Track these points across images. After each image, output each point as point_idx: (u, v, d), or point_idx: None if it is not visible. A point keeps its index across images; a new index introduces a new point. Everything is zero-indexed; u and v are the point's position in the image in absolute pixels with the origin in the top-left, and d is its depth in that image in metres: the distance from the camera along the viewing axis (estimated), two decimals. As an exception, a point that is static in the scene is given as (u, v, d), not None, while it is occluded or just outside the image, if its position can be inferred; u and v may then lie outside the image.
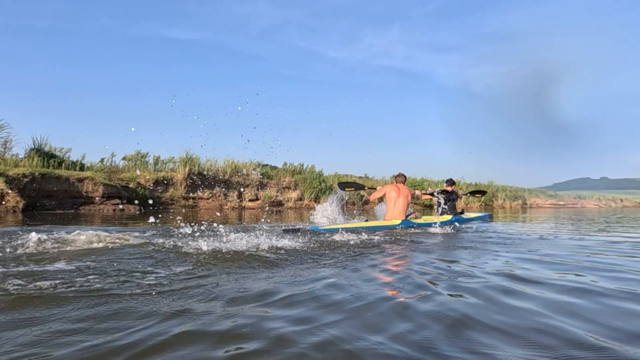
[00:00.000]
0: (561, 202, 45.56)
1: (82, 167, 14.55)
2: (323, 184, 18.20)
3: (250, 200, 16.92)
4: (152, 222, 7.33)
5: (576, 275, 2.62)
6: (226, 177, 16.89)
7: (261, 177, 17.55)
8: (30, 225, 6.05)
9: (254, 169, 17.45)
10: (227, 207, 15.98)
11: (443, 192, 8.26)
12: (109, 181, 13.54)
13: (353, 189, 7.65)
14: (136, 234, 4.42)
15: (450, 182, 8.70)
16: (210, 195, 16.21)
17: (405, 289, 2.17)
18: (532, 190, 42.28)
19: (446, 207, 8.13)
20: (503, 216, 13.10)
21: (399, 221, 6.35)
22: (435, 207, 8.82)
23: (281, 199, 17.38)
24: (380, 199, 7.29)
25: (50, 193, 12.05)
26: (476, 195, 10.23)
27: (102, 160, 15.94)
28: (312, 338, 1.44)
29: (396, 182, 6.88)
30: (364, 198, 20.04)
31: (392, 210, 6.64)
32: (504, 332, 1.53)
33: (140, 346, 1.35)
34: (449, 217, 7.64)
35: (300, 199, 18.02)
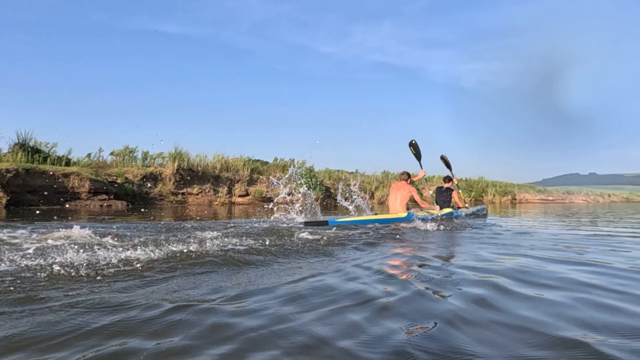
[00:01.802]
0: (550, 198, 46.10)
1: (68, 163, 14.31)
2: (314, 180, 18.14)
3: (240, 196, 16.82)
4: (132, 218, 7.22)
5: (558, 270, 2.61)
6: (216, 172, 16.75)
7: (251, 172, 17.43)
8: (11, 222, 5.92)
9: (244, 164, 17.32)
10: (216, 203, 15.85)
11: (439, 188, 9.00)
12: (95, 176, 13.35)
13: (414, 152, 8.31)
14: (111, 229, 4.32)
15: (448, 179, 9.15)
16: (200, 191, 16.07)
17: (381, 289, 2.13)
18: (521, 185, 42.74)
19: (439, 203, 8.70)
20: (492, 211, 13.18)
21: (406, 214, 6.85)
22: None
23: (271, 195, 17.27)
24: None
25: (35, 189, 11.83)
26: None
27: (88, 156, 15.71)
28: (277, 344, 1.39)
29: (400, 179, 7.54)
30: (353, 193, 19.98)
31: (392, 204, 7.27)
32: (480, 335, 1.50)
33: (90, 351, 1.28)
34: (448, 210, 8.16)
35: (291, 194, 17.94)
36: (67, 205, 12.18)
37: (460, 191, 9.36)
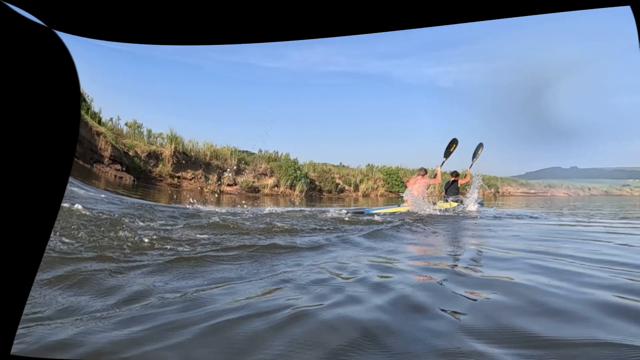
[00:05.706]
0: (532, 191, 46.93)
1: (99, 121, 13.36)
2: (298, 172, 18.62)
3: (228, 185, 17.22)
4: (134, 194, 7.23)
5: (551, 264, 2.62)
6: (207, 159, 17.06)
7: (238, 162, 17.75)
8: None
9: (231, 154, 17.61)
10: (207, 190, 16.21)
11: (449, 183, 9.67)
12: (115, 143, 12.86)
13: (448, 148, 9.25)
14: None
15: (455, 173, 9.75)
16: (193, 176, 16.47)
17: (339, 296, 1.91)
18: (504, 178, 43.49)
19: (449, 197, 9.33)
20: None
21: None
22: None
23: (257, 185, 17.71)
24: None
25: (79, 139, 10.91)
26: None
27: (111, 120, 14.76)
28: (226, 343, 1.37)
29: (417, 175, 8.26)
30: (339, 186, 20.52)
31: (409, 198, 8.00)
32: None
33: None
34: (454, 204, 8.93)
35: (277, 186, 18.45)
36: (94, 169, 11.52)
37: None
